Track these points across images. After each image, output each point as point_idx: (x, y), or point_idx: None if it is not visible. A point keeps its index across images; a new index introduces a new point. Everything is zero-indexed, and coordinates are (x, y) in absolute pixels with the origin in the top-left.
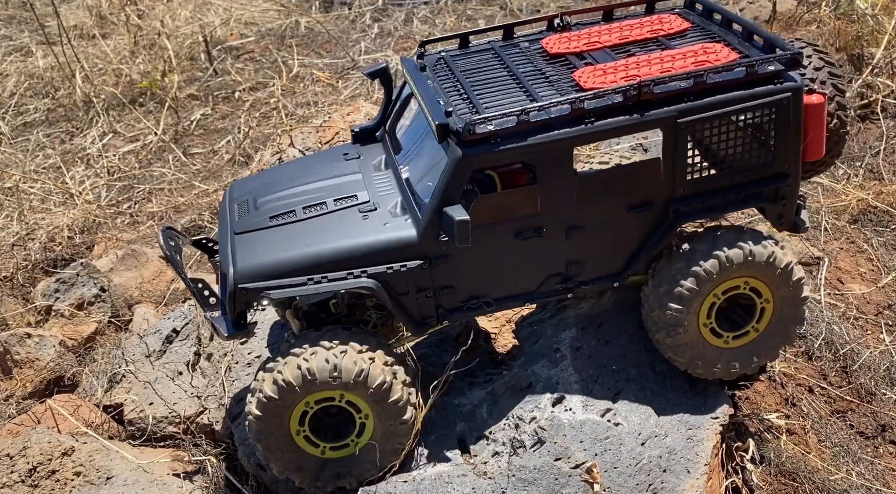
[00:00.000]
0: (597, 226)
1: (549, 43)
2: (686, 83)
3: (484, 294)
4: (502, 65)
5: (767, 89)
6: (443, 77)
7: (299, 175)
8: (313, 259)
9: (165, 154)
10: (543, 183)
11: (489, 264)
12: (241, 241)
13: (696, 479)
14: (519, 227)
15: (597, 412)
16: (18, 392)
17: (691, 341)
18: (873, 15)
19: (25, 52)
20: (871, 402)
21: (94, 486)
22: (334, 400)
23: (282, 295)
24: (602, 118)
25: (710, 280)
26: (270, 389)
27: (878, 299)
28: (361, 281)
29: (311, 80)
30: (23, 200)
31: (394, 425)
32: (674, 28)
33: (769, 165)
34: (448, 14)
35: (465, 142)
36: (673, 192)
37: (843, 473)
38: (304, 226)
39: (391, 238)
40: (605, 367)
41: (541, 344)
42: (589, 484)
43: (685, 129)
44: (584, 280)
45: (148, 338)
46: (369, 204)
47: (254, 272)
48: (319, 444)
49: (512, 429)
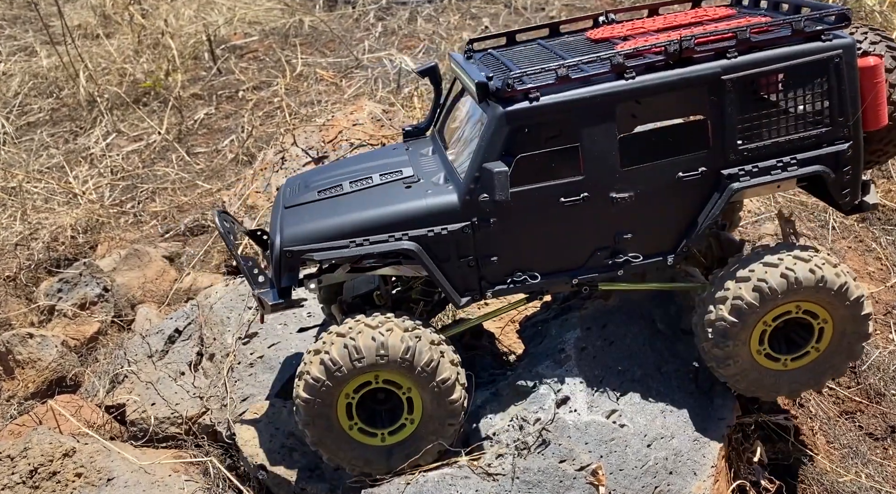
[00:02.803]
0: (644, 193)
1: (593, 33)
2: (729, 41)
3: (528, 266)
4: (548, 52)
5: (815, 46)
6: (487, 61)
7: (350, 163)
8: (356, 224)
9: (169, 153)
10: (585, 142)
11: (532, 233)
12: (289, 213)
13: (702, 481)
14: (562, 191)
15: (602, 413)
16: (20, 392)
17: (745, 370)
18: (881, 11)
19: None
20: (881, 403)
21: (94, 487)
22: (371, 384)
23: (324, 257)
24: (643, 74)
25: (753, 312)
26: (318, 370)
27: (887, 299)
28: (402, 244)
29: (315, 79)
30: (26, 200)
31: (443, 405)
32: (719, 13)
33: (827, 130)
34: (452, 13)
35: (505, 98)
36: (724, 158)
37: (852, 475)
38: (350, 197)
39: (433, 203)
40: (610, 368)
41: (545, 345)
42: (594, 487)
43: (731, 88)
44: (634, 255)
45: (150, 338)
46: (413, 177)
47: (300, 237)
48: (377, 432)
49: (516, 430)
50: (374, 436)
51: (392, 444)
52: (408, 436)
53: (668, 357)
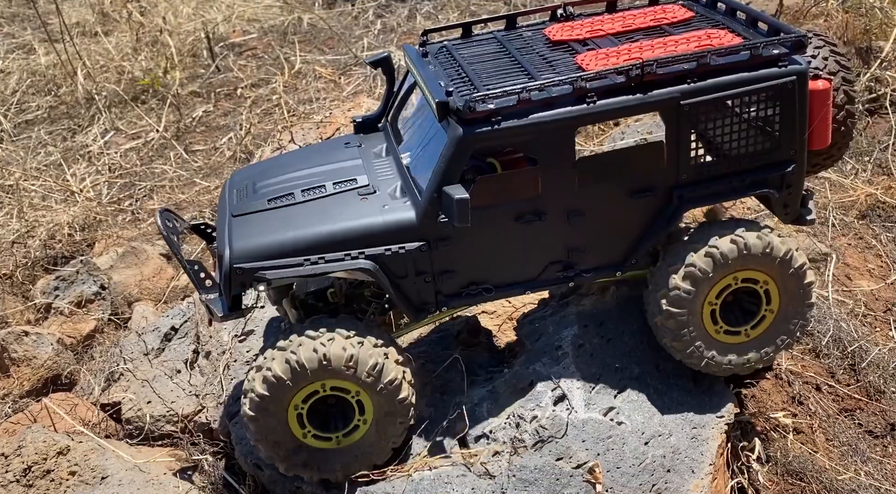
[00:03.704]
0: (598, 211)
1: (551, 31)
2: (689, 65)
3: (484, 280)
4: (505, 52)
5: (771, 72)
6: (445, 63)
7: (299, 161)
8: (310, 240)
9: (167, 151)
10: (545, 164)
11: (489, 248)
12: (238, 223)
13: (700, 479)
14: (520, 211)
15: (599, 411)
16: (15, 390)
17: (699, 343)
18: (881, 7)
19: (28, 50)
20: (880, 400)
21: (89, 486)
22: (319, 392)
23: (277, 275)
24: (604, 98)
25: (706, 278)
26: (281, 368)
27: (886, 296)
28: (359, 263)
29: (314, 76)
30: (23, 198)
31: (393, 405)
32: (677, 17)
33: (774, 151)
34: (451, 10)
35: (466, 120)
36: (676, 178)
37: (852, 473)
38: (303, 208)
39: (390, 220)
40: (607, 365)
41: (542, 342)
42: (591, 485)
43: (688, 112)
44: (585, 268)
45: (146, 336)
46: (368, 187)
47: (250, 253)
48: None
49: (513, 428)
50: (329, 441)
51: (346, 446)
52: (361, 437)
53: (666, 354)
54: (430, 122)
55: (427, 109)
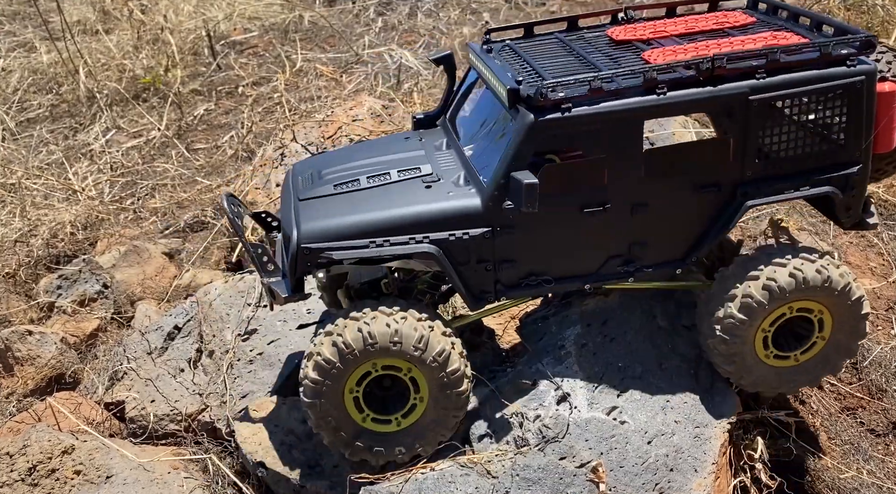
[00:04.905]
0: (662, 204)
1: (614, 32)
2: (759, 61)
3: (543, 271)
4: (569, 50)
5: (840, 71)
6: (510, 58)
7: (361, 152)
8: (376, 223)
9: (168, 149)
10: (612, 154)
11: (551, 239)
12: (305, 207)
13: (703, 478)
14: (584, 201)
15: (602, 410)
16: (19, 389)
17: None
18: (883, 5)
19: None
20: (882, 399)
21: (93, 485)
22: (370, 373)
23: (344, 256)
24: (673, 90)
25: (762, 309)
26: (329, 352)
27: (888, 294)
28: (423, 247)
29: (315, 74)
30: (26, 196)
31: (450, 396)
32: (739, 21)
33: (839, 152)
34: (452, 8)
35: (536, 107)
36: (742, 174)
37: (854, 471)
38: (368, 193)
39: (455, 205)
40: (610, 364)
41: (545, 342)
42: (594, 484)
43: (756, 107)
44: (646, 264)
45: (150, 335)
46: (432, 175)
47: (318, 233)
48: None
49: (516, 428)
50: (389, 423)
51: (407, 427)
52: (421, 416)
53: (668, 353)
54: (494, 115)
55: (491, 103)
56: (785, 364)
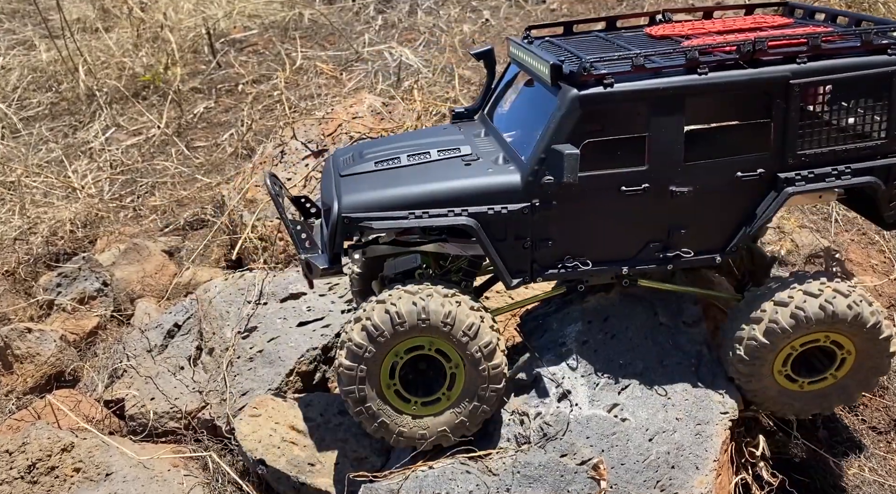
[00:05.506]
0: (702, 189)
1: (652, 30)
2: (800, 46)
3: (581, 253)
4: (609, 43)
5: (882, 59)
6: (551, 48)
7: (402, 139)
8: (416, 196)
9: (168, 147)
10: (653, 132)
11: (589, 219)
12: (346, 181)
13: (705, 475)
14: (624, 181)
15: (603, 407)
16: (19, 387)
17: (765, 387)
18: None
19: (29, 46)
20: (884, 397)
21: (93, 482)
22: (424, 349)
23: (384, 226)
24: (715, 71)
25: (786, 336)
26: (360, 336)
27: (890, 291)
28: (461, 219)
29: (315, 72)
30: (25, 194)
31: (486, 370)
32: (777, 22)
33: (881, 142)
34: (452, 5)
35: (579, 82)
36: (783, 161)
37: (856, 469)
38: (409, 170)
39: (494, 181)
40: (611, 361)
41: (546, 338)
42: (595, 481)
43: (798, 92)
44: (685, 250)
45: (149, 333)
46: (472, 155)
47: (358, 204)
48: (411, 399)
49: (517, 425)
50: (408, 402)
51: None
52: (440, 411)
53: (670, 350)
54: (534, 100)
55: (530, 95)
56: (790, 387)
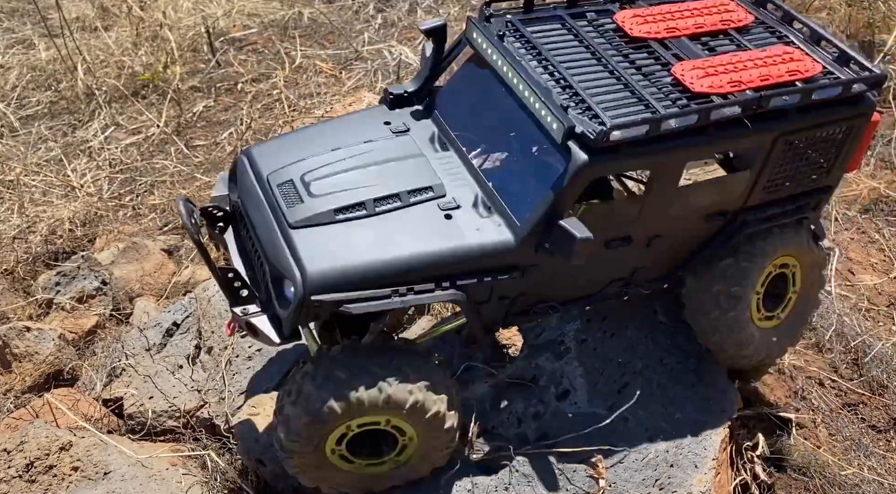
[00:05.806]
0: (675, 234)
1: (624, 23)
2: (793, 98)
3: (552, 298)
4: (582, 44)
5: (854, 110)
6: (523, 51)
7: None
8: (396, 266)
9: (168, 146)
10: (652, 191)
11: (570, 271)
12: (302, 239)
13: (703, 474)
14: (611, 236)
15: (602, 406)
16: (17, 386)
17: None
18: (885, 1)
19: (27, 45)
20: (883, 395)
21: (91, 481)
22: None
23: (363, 309)
24: (719, 129)
25: None
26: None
27: (889, 290)
28: (450, 294)
29: (314, 71)
30: (24, 193)
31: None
32: (741, 20)
33: (823, 178)
34: (452, 4)
35: (592, 148)
36: (746, 202)
37: (855, 467)
38: (379, 222)
39: (485, 244)
40: (610, 360)
41: (545, 337)
42: (594, 480)
43: (781, 144)
44: (641, 283)
45: (148, 332)
46: (448, 199)
47: (328, 280)
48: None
49: (515, 424)
50: (351, 463)
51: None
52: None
53: (669, 349)
54: (513, 122)
55: (500, 101)
56: (768, 325)
